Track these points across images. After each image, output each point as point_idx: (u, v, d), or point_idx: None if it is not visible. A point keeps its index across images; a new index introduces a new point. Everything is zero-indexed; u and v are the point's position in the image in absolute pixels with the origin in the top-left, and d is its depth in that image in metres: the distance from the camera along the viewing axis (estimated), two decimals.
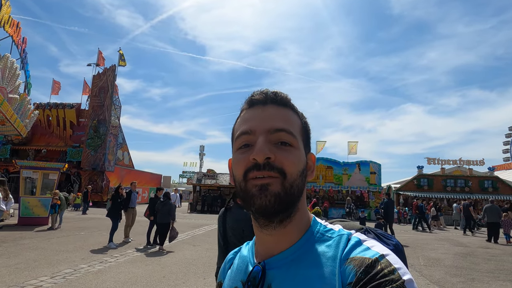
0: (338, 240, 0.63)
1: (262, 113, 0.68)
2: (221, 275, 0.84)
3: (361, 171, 27.69)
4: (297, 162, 0.65)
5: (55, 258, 7.32)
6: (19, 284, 5.41)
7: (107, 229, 12.55)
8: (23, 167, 13.13)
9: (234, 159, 0.69)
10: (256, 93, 0.72)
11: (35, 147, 31.14)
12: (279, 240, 0.66)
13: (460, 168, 29.61)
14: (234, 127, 0.74)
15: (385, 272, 0.53)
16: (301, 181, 0.65)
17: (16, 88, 14.04)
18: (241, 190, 0.66)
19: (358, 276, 0.54)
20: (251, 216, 0.68)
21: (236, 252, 0.84)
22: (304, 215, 0.69)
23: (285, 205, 0.62)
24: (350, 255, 0.59)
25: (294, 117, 0.71)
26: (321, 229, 0.68)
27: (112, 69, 29.88)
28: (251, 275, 0.67)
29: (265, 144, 0.63)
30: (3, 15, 13.52)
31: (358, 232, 0.68)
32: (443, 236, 15.42)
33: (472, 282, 6.75)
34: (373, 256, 0.56)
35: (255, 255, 0.72)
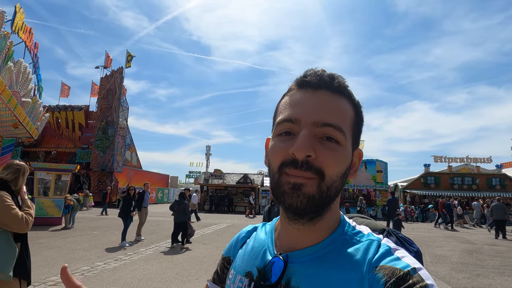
0: (368, 245, 0.60)
1: (311, 100, 0.61)
2: (231, 251, 0.81)
3: (368, 170, 27.73)
4: (340, 163, 0.60)
5: (72, 256, 7.61)
6: (40, 281, 5.69)
7: (119, 229, 12.86)
8: (37, 168, 13.50)
9: (273, 145, 0.63)
10: (309, 73, 0.64)
11: (45, 149, 31.73)
12: (305, 235, 0.64)
13: (468, 166, 29.50)
14: (278, 105, 0.68)
15: (417, 287, 0.50)
16: (341, 182, 0.61)
17: (29, 92, 14.39)
18: (274, 181, 0.62)
19: (388, 287, 0.51)
20: (281, 207, 0.65)
21: (251, 232, 0.81)
22: (335, 214, 0.66)
23: (318, 208, 0.59)
24: (380, 262, 0.56)
25: (348, 108, 0.64)
26: (350, 231, 0.65)
27: (120, 71, 30.28)
28: (268, 264, 0.64)
29: (308, 139, 0.58)
30: (17, 21, 13.90)
31: (385, 237, 0.64)
32: (450, 233, 15.49)
33: (477, 277, 6.89)
34: (405, 268, 0.53)
35: (275, 243, 0.70)
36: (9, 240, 2.60)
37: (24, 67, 13.07)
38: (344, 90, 0.64)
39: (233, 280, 0.71)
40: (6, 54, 10.61)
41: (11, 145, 17.95)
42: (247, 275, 0.68)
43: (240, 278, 0.69)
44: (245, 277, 0.68)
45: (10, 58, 11.32)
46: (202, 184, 29.76)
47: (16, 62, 12.31)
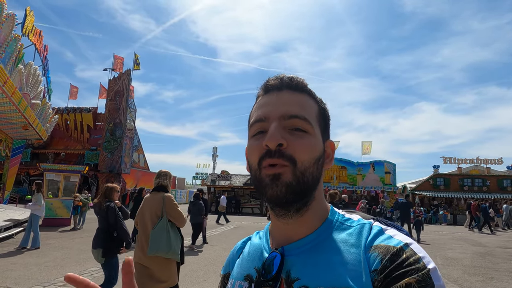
0: (360, 228, 0.63)
1: (276, 99, 0.67)
2: (229, 265, 0.82)
3: (376, 171, 27.53)
4: (310, 149, 0.63)
5: (80, 257, 7.64)
6: (50, 281, 5.70)
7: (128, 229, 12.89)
8: (46, 170, 13.63)
9: (249, 146, 0.68)
10: (271, 78, 0.70)
11: (54, 151, 32.10)
12: (296, 228, 0.65)
13: (478, 167, 29.08)
14: (250, 114, 0.73)
15: (410, 260, 0.53)
16: (316, 169, 0.64)
17: (38, 94, 14.61)
18: (256, 179, 0.65)
19: (384, 264, 0.54)
20: (265, 202, 0.66)
21: (245, 242, 0.82)
22: (321, 204, 0.68)
23: (298, 195, 0.61)
24: (374, 242, 0.59)
25: (311, 102, 0.69)
26: (340, 218, 0.67)
27: (127, 73, 30.53)
28: (266, 261, 0.65)
29: (277, 130, 0.62)
30: (27, 24, 14.10)
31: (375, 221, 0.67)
32: (460, 236, 15.25)
33: (491, 281, 6.74)
34: (397, 245, 0.56)
35: (271, 243, 0.71)
36: (179, 231, 3.59)
37: (34, 69, 13.26)
38: (303, 88, 0.69)
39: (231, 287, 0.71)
40: (16, 57, 10.76)
41: (21, 147, 18.20)
42: (246, 278, 0.69)
43: (240, 283, 0.69)
44: (244, 281, 0.69)
45: (21, 60, 11.48)
46: (209, 185, 29.81)
47: (26, 64, 12.48)
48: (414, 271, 0.52)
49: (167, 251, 3.32)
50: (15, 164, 18.01)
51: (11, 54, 10.11)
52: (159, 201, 3.52)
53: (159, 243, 3.29)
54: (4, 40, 9.22)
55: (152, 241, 3.30)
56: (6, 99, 11.24)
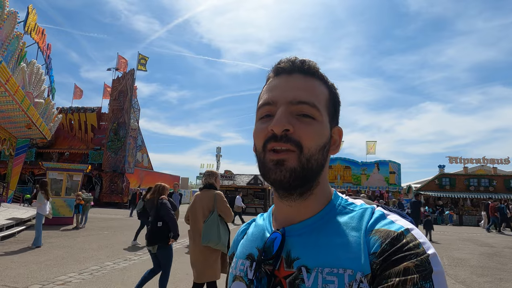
0: (362, 212, 0.63)
1: (286, 83, 0.66)
2: (233, 246, 0.83)
3: (380, 171, 27.31)
4: (316, 136, 0.63)
5: (81, 256, 7.56)
6: (49, 280, 5.62)
7: (129, 229, 12.84)
8: (49, 168, 13.61)
9: (255, 129, 0.68)
10: (283, 60, 0.69)
11: (59, 150, 32.21)
12: (299, 210, 0.66)
13: (484, 167, 28.72)
14: (259, 96, 0.73)
15: (410, 245, 0.53)
16: (321, 155, 0.64)
17: (42, 93, 14.59)
18: (260, 161, 0.65)
19: (383, 247, 0.54)
20: (269, 185, 0.67)
21: (249, 224, 0.84)
22: (325, 189, 0.68)
23: (302, 180, 0.62)
24: (375, 226, 0.59)
25: (321, 87, 0.68)
26: (343, 202, 0.68)
27: (131, 73, 30.57)
28: (268, 241, 0.66)
29: (284, 115, 0.62)
30: (29, 22, 14.09)
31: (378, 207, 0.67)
32: (467, 236, 15.02)
33: (500, 282, 6.56)
34: (398, 229, 0.56)
35: (273, 224, 0.72)
36: (226, 226, 3.87)
37: (37, 68, 13.23)
38: (315, 72, 0.68)
39: (234, 266, 0.73)
40: (19, 55, 10.72)
41: (25, 146, 18.23)
42: (248, 257, 0.70)
43: (242, 262, 0.71)
44: (246, 259, 0.70)
45: (23, 58, 11.45)
46: None
47: (29, 63, 12.46)
48: (413, 256, 0.52)
49: (217, 242, 3.64)
50: (19, 163, 18.04)
51: (13, 52, 10.07)
52: (211, 197, 3.85)
53: (210, 235, 3.64)
54: (6, 37, 9.18)
55: (205, 233, 3.66)
56: (9, 98, 11.20)
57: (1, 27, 8.67)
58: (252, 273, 0.67)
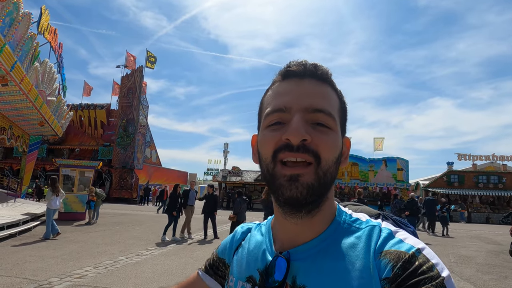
0: (369, 231, 0.59)
1: (298, 88, 0.61)
2: (226, 252, 0.80)
3: (388, 168, 27.21)
4: (333, 147, 0.59)
5: (95, 250, 7.82)
6: (66, 273, 5.87)
7: (140, 224, 13.14)
8: (62, 165, 13.95)
9: (262, 136, 0.63)
10: (293, 63, 0.64)
11: (69, 146, 32.78)
12: (304, 229, 0.62)
13: (493, 164, 28.45)
14: (263, 100, 0.67)
15: (423, 268, 0.51)
16: (335, 168, 0.60)
17: (54, 91, 14.93)
18: (268, 173, 0.60)
19: (396, 272, 0.51)
20: (274, 201, 0.63)
21: (245, 233, 0.79)
22: (332, 204, 0.65)
23: (317, 196, 0.58)
24: (384, 247, 0.55)
25: (333, 95, 0.64)
26: (348, 219, 0.64)
27: (140, 70, 30.84)
28: (270, 265, 0.63)
29: (301, 124, 0.57)
30: (43, 23, 14.40)
31: (384, 221, 0.64)
32: (474, 234, 15.00)
33: (505, 279, 6.64)
34: (409, 250, 0.53)
35: (273, 242, 0.67)
36: None
37: (50, 67, 13.54)
38: (327, 78, 0.64)
39: (233, 287, 0.70)
40: (32, 55, 11.00)
41: (38, 143, 18.66)
42: (249, 280, 0.66)
43: (242, 284, 0.67)
44: (246, 282, 0.67)
45: (36, 58, 11.73)
46: (220, 181, 29.99)
47: (42, 62, 12.76)
48: (427, 280, 0.50)
49: None
50: (32, 159, 18.49)
51: (28, 52, 10.35)
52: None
53: None
54: (21, 38, 9.44)
55: None
56: (23, 96, 11.53)
57: (16, 28, 8.93)
58: None
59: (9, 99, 11.92)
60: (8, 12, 8.38)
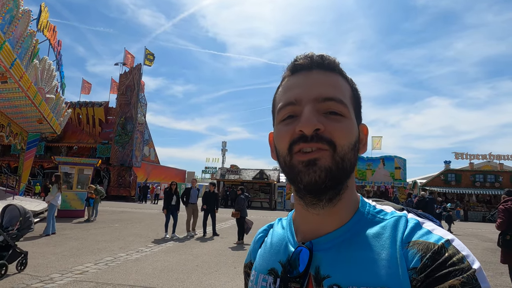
0: (395, 221, 0.58)
1: (307, 80, 0.61)
2: (251, 255, 0.78)
3: (386, 166, 27.34)
4: (348, 133, 0.59)
5: (95, 247, 7.87)
6: (67, 269, 5.91)
7: (139, 222, 13.19)
8: (61, 163, 13.96)
9: (277, 131, 0.63)
10: (299, 57, 0.64)
11: (67, 144, 32.73)
12: (326, 220, 0.61)
13: (490, 163, 28.64)
14: (275, 97, 0.68)
15: (454, 260, 0.49)
16: (353, 155, 0.59)
17: (53, 89, 14.89)
18: (286, 165, 0.60)
19: (424, 262, 0.50)
20: (295, 193, 0.63)
21: (267, 230, 0.78)
22: (353, 194, 0.64)
23: (336, 181, 0.57)
24: (411, 238, 0.54)
25: (344, 83, 0.63)
26: (372, 210, 0.63)
27: (138, 68, 30.81)
28: (292, 256, 0.61)
29: (313, 113, 0.57)
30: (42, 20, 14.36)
31: (410, 213, 0.63)
32: (471, 232, 15.13)
33: (500, 276, 6.75)
34: (438, 241, 0.52)
35: (295, 234, 0.67)
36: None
37: (49, 64, 13.50)
38: (335, 67, 0.64)
39: (255, 281, 0.68)
40: (32, 52, 10.98)
41: (36, 140, 18.60)
42: (270, 272, 0.65)
43: (263, 277, 0.66)
44: (268, 275, 0.65)
45: (36, 55, 11.71)
46: (219, 179, 30.03)
47: (41, 59, 12.73)
48: (458, 272, 0.48)
49: None
50: (30, 157, 18.43)
51: (27, 49, 10.32)
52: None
53: None
54: (20, 35, 9.43)
55: None
56: (22, 94, 11.50)
57: (16, 25, 8.91)
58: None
59: (8, 96, 11.89)
60: (8, 9, 8.37)
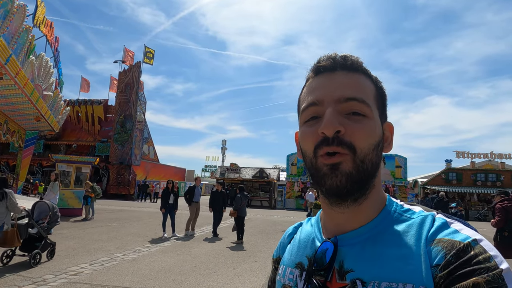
0: (422, 220, 0.58)
1: (330, 81, 0.63)
2: (279, 250, 0.81)
3: (386, 165, 27.17)
4: (370, 134, 0.59)
5: (92, 247, 7.71)
6: (62, 270, 5.75)
7: (137, 221, 13.03)
8: (58, 161, 13.80)
9: (302, 133, 0.65)
10: (322, 58, 0.66)
11: (66, 142, 32.57)
12: (352, 218, 0.62)
13: (492, 162, 28.49)
14: (300, 98, 0.69)
15: (479, 258, 0.48)
16: (376, 155, 0.60)
17: (50, 86, 14.70)
18: (312, 167, 0.61)
19: (448, 259, 0.49)
20: (321, 193, 0.64)
21: (297, 228, 0.80)
22: (380, 193, 0.64)
23: (358, 184, 0.58)
24: (437, 236, 0.54)
25: (367, 82, 0.64)
26: (398, 209, 0.63)
27: (138, 66, 30.61)
28: (319, 250, 0.63)
29: (334, 115, 0.58)
30: (38, 15, 14.16)
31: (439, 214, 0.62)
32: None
33: None
34: (464, 240, 0.51)
35: (322, 231, 0.68)
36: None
37: (46, 61, 13.31)
38: (358, 67, 0.64)
39: (283, 274, 0.70)
40: (28, 48, 10.78)
41: (34, 138, 18.41)
42: (298, 266, 0.67)
43: (291, 270, 0.68)
44: (295, 268, 0.68)
45: (32, 51, 11.51)
46: (218, 178, 29.87)
47: (37, 56, 12.54)
48: (483, 270, 0.46)
49: None
50: (28, 155, 18.25)
51: (23, 45, 10.13)
52: None
53: None
54: (16, 31, 9.24)
55: None
56: (18, 90, 11.32)
57: (11, 20, 8.72)
58: (302, 284, 0.64)
59: (4, 93, 11.71)
60: (2, 3, 8.19)
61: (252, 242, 9.49)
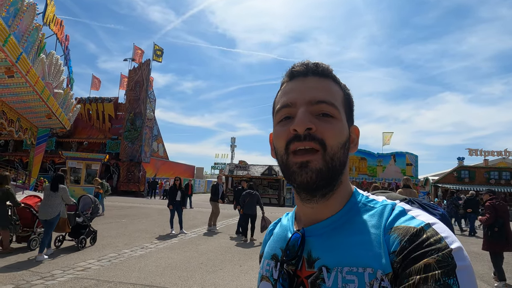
0: (382, 209, 0.62)
1: (302, 85, 0.67)
2: (263, 246, 0.85)
3: (397, 163, 26.85)
4: (338, 134, 0.64)
5: (100, 243, 7.78)
6: (70, 266, 5.81)
7: (146, 217, 13.13)
8: (69, 158, 13.99)
9: (275, 132, 0.69)
10: (296, 65, 0.71)
11: (78, 139, 33.00)
12: (320, 211, 0.66)
13: (506, 160, 27.90)
14: (275, 100, 0.74)
15: (431, 241, 0.52)
16: (343, 154, 0.65)
17: (61, 84, 14.89)
18: (283, 164, 0.66)
19: (403, 245, 0.53)
20: (293, 190, 0.69)
21: (276, 223, 0.85)
22: (347, 187, 0.69)
23: (327, 180, 0.62)
24: (394, 224, 0.58)
25: (336, 88, 0.69)
26: (363, 199, 0.67)
27: (147, 64, 30.79)
28: (290, 242, 0.67)
29: (306, 115, 0.63)
30: (48, 14, 14.32)
31: (402, 202, 0.67)
32: None
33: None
34: (418, 225, 0.55)
35: (295, 224, 0.73)
36: None
37: (56, 59, 13.48)
38: (329, 74, 0.69)
39: (261, 266, 0.76)
40: (38, 46, 10.93)
41: (46, 135, 18.71)
42: (273, 257, 0.72)
43: (267, 262, 0.73)
44: (271, 260, 0.73)
45: (42, 50, 11.66)
46: (227, 175, 29.94)
47: (48, 54, 12.70)
48: (434, 251, 0.50)
49: None
50: (40, 152, 18.56)
51: (33, 43, 10.27)
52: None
53: None
54: (26, 29, 9.36)
55: None
56: (29, 88, 11.50)
57: (21, 19, 8.84)
58: (276, 273, 0.69)
59: (16, 91, 11.91)
60: (12, 2, 8.29)
61: (260, 240, 9.46)
